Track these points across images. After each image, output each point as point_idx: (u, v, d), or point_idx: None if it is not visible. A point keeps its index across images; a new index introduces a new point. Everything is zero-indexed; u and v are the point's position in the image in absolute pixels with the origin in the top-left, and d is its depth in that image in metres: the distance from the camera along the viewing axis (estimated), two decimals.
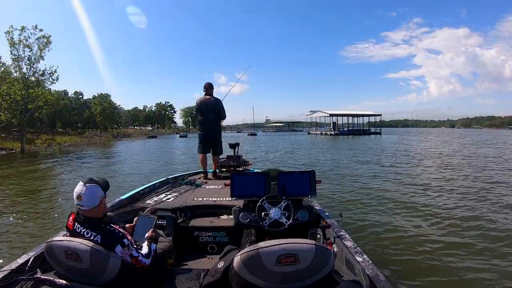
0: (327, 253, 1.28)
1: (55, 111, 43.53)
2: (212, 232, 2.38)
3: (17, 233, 4.04)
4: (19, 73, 18.90)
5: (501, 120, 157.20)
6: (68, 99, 57.72)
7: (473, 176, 7.84)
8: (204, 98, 4.30)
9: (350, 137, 39.59)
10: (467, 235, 3.76)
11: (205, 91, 4.33)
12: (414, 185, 6.92)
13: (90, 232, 1.42)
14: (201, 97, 4.34)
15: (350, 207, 5.16)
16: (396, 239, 3.71)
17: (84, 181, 1.46)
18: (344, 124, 54.36)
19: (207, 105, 4.26)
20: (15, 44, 18.29)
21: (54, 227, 4.20)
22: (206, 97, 4.30)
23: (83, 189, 1.42)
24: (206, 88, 4.33)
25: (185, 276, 1.70)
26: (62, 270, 1.40)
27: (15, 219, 4.62)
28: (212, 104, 4.26)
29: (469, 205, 5.09)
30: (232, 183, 2.27)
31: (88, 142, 29.01)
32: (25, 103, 19.13)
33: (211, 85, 4.37)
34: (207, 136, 4.37)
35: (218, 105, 4.30)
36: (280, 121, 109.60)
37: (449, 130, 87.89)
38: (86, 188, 1.42)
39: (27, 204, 5.66)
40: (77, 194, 1.42)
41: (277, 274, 1.23)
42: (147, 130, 74.39)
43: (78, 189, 1.43)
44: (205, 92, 4.33)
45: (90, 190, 1.42)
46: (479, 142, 23.68)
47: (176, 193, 3.13)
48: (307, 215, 2.10)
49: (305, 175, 2.26)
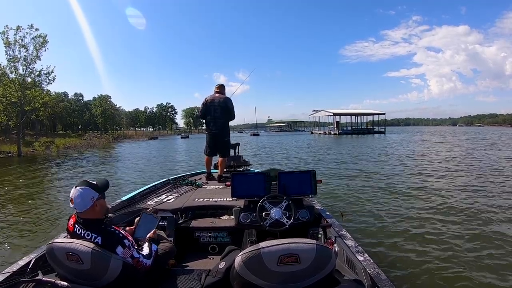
0: (328, 253, 1.27)
1: (55, 113, 43.61)
2: (213, 233, 2.38)
3: (10, 237, 4.02)
4: (15, 74, 18.45)
5: (503, 118, 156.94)
6: (68, 101, 57.97)
7: (485, 178, 7.33)
8: (214, 96, 4.03)
9: (354, 136, 39.20)
10: (470, 235, 3.73)
11: (216, 89, 4.10)
12: (418, 186, 6.89)
13: (90, 234, 1.42)
14: (211, 94, 4.09)
15: (350, 207, 5.15)
16: (398, 238, 3.70)
17: (77, 184, 1.47)
18: (347, 123, 54.03)
19: (216, 102, 3.98)
20: (10, 44, 17.86)
21: (46, 231, 4.16)
22: (216, 94, 4.04)
23: (74, 192, 1.43)
24: (218, 87, 4.11)
25: (187, 277, 1.70)
26: (63, 272, 1.40)
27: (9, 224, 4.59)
28: (221, 102, 3.98)
29: (475, 207, 4.92)
30: (232, 183, 2.26)
31: (87, 144, 28.96)
32: (22, 104, 18.75)
33: (223, 86, 4.16)
34: (214, 137, 4.11)
35: (227, 103, 4.02)
36: (282, 121, 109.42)
37: (451, 129, 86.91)
38: (77, 191, 1.43)
39: (15, 210, 5.53)
40: (70, 197, 1.44)
41: (279, 274, 1.22)
42: (148, 132, 74.34)
43: (71, 193, 1.44)
44: (216, 90, 4.09)
45: (80, 193, 1.42)
46: (485, 140, 23.20)
47: (177, 194, 3.13)
48: (308, 214, 2.09)
49: (306, 174, 2.26)
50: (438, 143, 21.73)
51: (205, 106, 4.04)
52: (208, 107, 4.02)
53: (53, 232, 4.09)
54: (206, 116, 4.08)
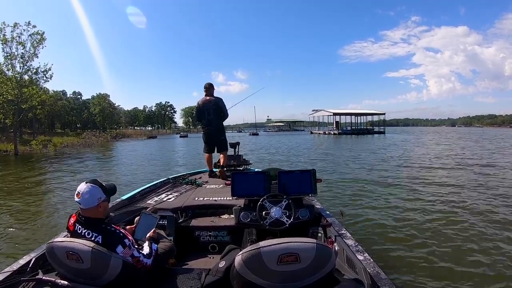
0: (328, 252, 1.28)
1: (53, 112, 43.39)
2: (213, 232, 2.38)
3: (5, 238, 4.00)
4: (12, 71, 18.19)
5: (502, 119, 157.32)
6: (67, 100, 57.69)
7: (488, 180, 7.24)
8: (204, 99, 4.28)
9: (353, 136, 39.17)
10: (471, 235, 3.75)
11: (205, 92, 4.31)
12: (418, 185, 6.90)
13: (91, 233, 1.42)
14: (202, 98, 4.32)
15: (351, 206, 5.16)
16: (398, 237, 3.72)
17: (88, 180, 1.49)
18: (347, 123, 53.90)
19: (208, 106, 4.24)
20: (7, 41, 17.63)
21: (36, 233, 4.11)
22: (206, 98, 4.28)
23: (83, 187, 1.45)
24: (206, 88, 4.30)
25: (187, 276, 1.71)
26: (64, 271, 1.39)
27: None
28: (212, 105, 4.23)
29: (477, 207, 4.95)
30: (232, 182, 2.26)
31: (85, 143, 28.82)
32: (19, 103, 18.52)
33: (211, 85, 4.34)
34: (209, 136, 4.38)
35: (218, 104, 4.25)
36: (281, 120, 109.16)
37: (451, 129, 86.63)
38: (87, 187, 1.45)
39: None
40: (77, 191, 1.45)
41: (279, 273, 1.23)
42: (147, 131, 74.06)
43: (80, 187, 1.46)
44: (206, 93, 4.31)
45: (90, 189, 1.45)
46: (487, 140, 23.08)
47: (177, 193, 3.13)
48: (308, 213, 2.10)
49: (306, 174, 2.26)
50: (443, 145, 21.06)
51: (199, 110, 4.31)
52: (201, 111, 4.28)
53: (49, 233, 4.07)
54: (201, 119, 4.36)
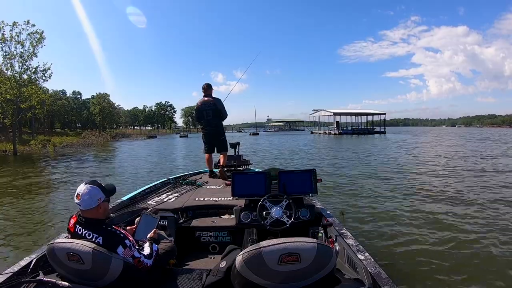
0: (329, 252, 1.28)
1: (53, 111, 43.27)
2: (213, 232, 2.38)
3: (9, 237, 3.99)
4: (11, 71, 18.01)
5: (502, 119, 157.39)
6: (66, 99, 57.58)
7: (490, 182, 7.06)
8: (203, 100, 4.30)
9: (354, 136, 38.99)
10: (472, 235, 3.75)
11: (204, 92, 4.32)
12: (418, 186, 6.89)
13: (91, 234, 1.42)
14: (200, 99, 4.34)
15: (351, 206, 5.16)
16: (398, 237, 3.72)
17: (87, 181, 1.49)
18: (347, 123, 53.75)
19: (207, 107, 4.25)
20: (6, 40, 17.42)
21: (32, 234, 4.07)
22: (205, 98, 4.30)
23: (83, 188, 1.45)
24: (204, 89, 4.31)
25: (187, 276, 1.71)
26: (64, 272, 1.39)
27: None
28: (211, 106, 4.25)
29: (477, 207, 4.93)
30: (233, 182, 2.26)
31: (84, 143, 28.77)
32: (17, 102, 18.32)
33: (210, 85, 4.35)
34: (209, 136, 4.40)
35: (217, 105, 4.27)
36: (281, 120, 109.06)
37: (451, 129, 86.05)
38: (86, 188, 1.45)
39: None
40: (77, 192, 1.45)
41: (279, 273, 1.23)
42: (147, 130, 73.96)
43: (79, 188, 1.46)
44: (204, 94, 4.32)
45: (89, 190, 1.44)
46: (490, 142, 22.92)
47: (177, 194, 3.13)
48: (308, 213, 2.10)
49: (306, 173, 2.26)
50: (445, 146, 20.36)
51: (198, 111, 4.33)
52: (200, 112, 4.31)
53: (49, 234, 4.07)
54: (200, 120, 4.40)
